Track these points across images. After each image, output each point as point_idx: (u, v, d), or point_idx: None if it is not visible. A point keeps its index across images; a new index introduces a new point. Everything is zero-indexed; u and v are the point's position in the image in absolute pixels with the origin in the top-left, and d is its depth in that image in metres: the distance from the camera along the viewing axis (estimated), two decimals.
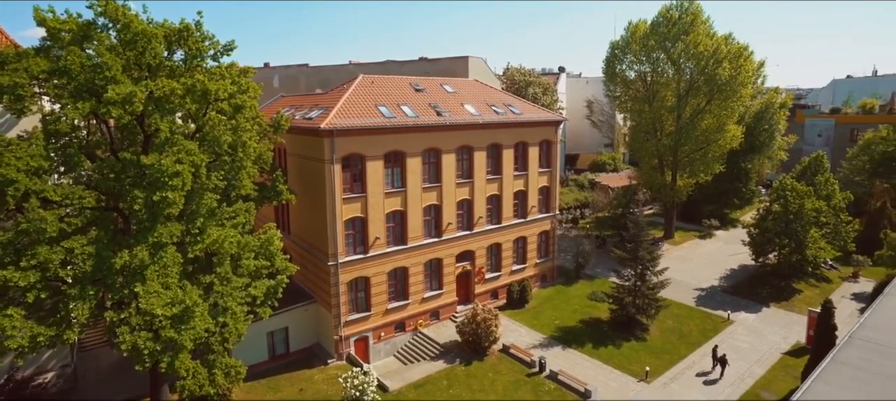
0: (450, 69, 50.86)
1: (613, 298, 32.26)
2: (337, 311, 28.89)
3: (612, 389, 26.29)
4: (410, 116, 30.89)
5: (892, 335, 15.38)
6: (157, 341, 18.61)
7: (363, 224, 29.49)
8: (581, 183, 63.42)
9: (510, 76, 60.10)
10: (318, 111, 30.00)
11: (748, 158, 54.47)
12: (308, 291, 31.42)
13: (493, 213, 35.79)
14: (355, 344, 29.93)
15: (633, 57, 47.13)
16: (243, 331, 21.65)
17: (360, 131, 28.40)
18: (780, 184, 39.51)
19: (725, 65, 42.49)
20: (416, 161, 30.89)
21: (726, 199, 56.03)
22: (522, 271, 37.81)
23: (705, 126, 45.16)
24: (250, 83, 23.07)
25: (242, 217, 22.91)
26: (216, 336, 20.76)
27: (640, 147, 49.06)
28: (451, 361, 29.37)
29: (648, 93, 46.74)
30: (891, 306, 17.21)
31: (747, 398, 25.57)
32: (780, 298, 37.06)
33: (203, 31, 21.20)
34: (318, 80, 59.75)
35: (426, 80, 37.20)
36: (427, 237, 32.30)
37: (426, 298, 32.81)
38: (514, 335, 31.90)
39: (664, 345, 30.63)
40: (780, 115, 55.58)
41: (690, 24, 43.57)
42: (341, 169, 28.05)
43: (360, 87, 32.34)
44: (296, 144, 30.63)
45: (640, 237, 31.64)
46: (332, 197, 27.73)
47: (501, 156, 35.29)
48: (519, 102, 39.55)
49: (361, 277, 29.74)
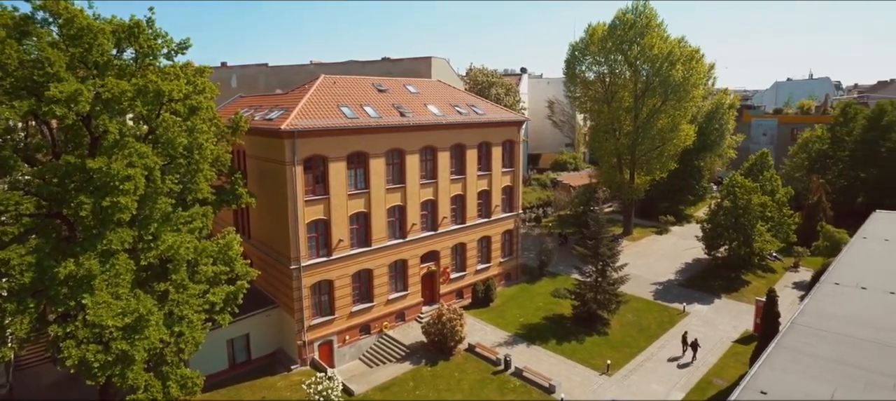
0: (413, 70, 50.74)
1: (576, 295, 33.02)
2: (300, 315, 28.37)
3: (576, 383, 26.93)
4: (373, 116, 30.65)
5: (827, 320, 16.38)
6: (108, 353, 17.74)
7: (326, 226, 29.07)
8: (543, 182, 64.59)
9: (473, 77, 60.55)
10: (279, 112, 29.36)
11: (700, 157, 56.81)
12: (270, 297, 30.71)
13: (457, 213, 35.97)
14: (319, 349, 29.47)
15: (592, 58, 48.29)
16: (201, 340, 20.94)
17: (323, 132, 27.95)
18: (729, 181, 41.43)
19: (679, 67, 44.15)
20: (379, 162, 30.68)
21: (681, 195, 58.30)
22: (487, 270, 38.18)
23: (661, 126, 46.79)
24: (207, 83, 22.34)
25: (199, 222, 22.15)
26: (171, 347, 19.98)
27: (600, 146, 50.36)
28: (417, 362, 29.36)
29: (607, 93, 48.02)
30: (826, 294, 18.33)
31: (701, 386, 26.70)
32: (730, 289, 38.86)
33: (155, 29, 20.38)
34: (278, 80, 58.41)
35: (389, 80, 36.99)
36: (391, 238, 32.15)
37: (391, 300, 32.65)
38: (480, 334, 32.18)
39: (624, 338, 31.59)
40: (729, 115, 58.26)
41: (645, 28, 45.02)
42: (303, 171, 27.54)
43: (322, 87, 31.83)
44: (256, 145, 29.86)
45: (601, 235, 32.50)
46: (294, 199, 27.20)
47: (465, 156, 35.50)
48: (482, 103, 39.88)
49: (325, 280, 29.31)
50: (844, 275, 19.86)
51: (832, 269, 21.16)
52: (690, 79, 44.78)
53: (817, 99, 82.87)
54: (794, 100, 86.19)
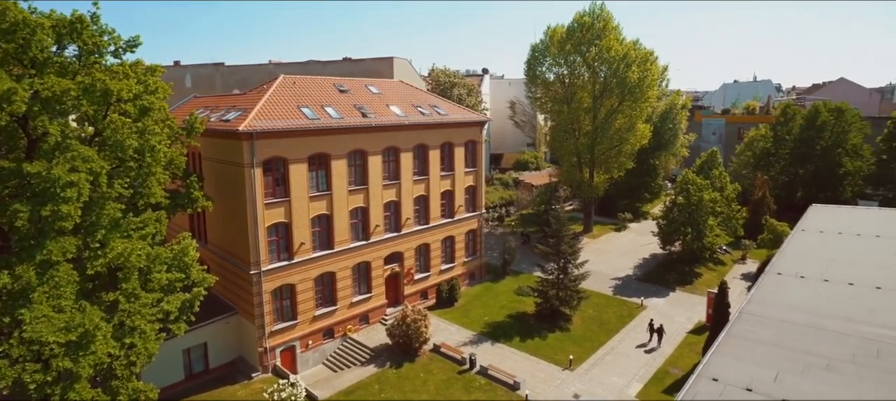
0: (374, 70, 50.38)
1: (538, 292, 33.62)
2: (261, 321, 27.68)
3: (539, 378, 27.41)
4: (335, 117, 30.25)
5: (770, 308, 17.32)
6: (47, 371, 16.66)
7: (287, 230, 28.47)
8: (505, 182, 65.39)
9: (435, 77, 60.63)
10: (236, 113, 28.55)
11: (656, 155, 58.92)
12: (229, 303, 29.80)
13: (420, 213, 35.96)
14: (281, 355, 28.83)
15: (551, 60, 49.25)
16: (154, 351, 20.05)
17: (282, 134, 27.38)
18: (683, 178, 43.19)
19: (635, 68, 45.63)
20: (341, 163, 30.31)
21: (638, 193, 60.30)
22: (451, 270, 38.35)
23: (618, 125, 48.23)
24: (159, 83, 21.47)
25: (152, 227, 21.25)
26: (121, 360, 19.03)
27: (560, 146, 51.43)
28: (382, 364, 29.18)
29: (567, 94, 49.11)
30: (769, 284, 19.35)
31: (658, 376, 27.71)
32: (684, 282, 40.49)
33: (101, 25, 19.40)
34: (235, 80, 56.75)
35: (350, 80, 36.60)
36: (354, 241, 31.82)
37: (355, 303, 32.31)
38: (445, 334, 32.29)
39: (586, 333, 32.40)
40: (682, 115, 60.74)
41: (603, 30, 46.29)
42: (262, 173, 26.89)
43: (282, 87, 31.17)
44: (212, 147, 28.91)
45: (562, 232, 33.22)
46: (253, 202, 26.51)
47: (428, 156, 35.53)
48: (444, 103, 40.02)
49: (286, 284, 28.71)
50: (785, 266, 20.99)
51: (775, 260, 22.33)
52: (646, 80, 46.34)
53: (761, 100, 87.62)
54: (740, 101, 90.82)
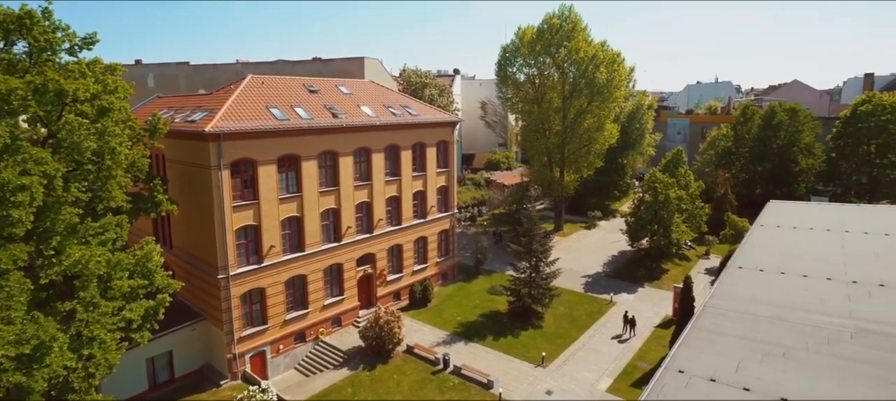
0: (345, 70, 49.90)
1: (511, 291, 33.94)
2: (229, 327, 27.04)
3: (512, 376, 27.69)
4: (305, 118, 29.83)
5: (732, 301, 17.98)
6: None
7: (256, 233, 27.91)
8: (477, 181, 65.78)
9: (407, 78, 60.52)
10: (203, 113, 27.82)
11: (624, 154, 60.30)
12: (195, 309, 29.00)
13: (392, 214, 35.81)
14: (251, 361, 28.23)
15: (522, 61, 49.79)
16: (115, 361, 19.29)
17: (251, 135, 26.83)
18: (650, 177, 44.35)
19: (603, 69, 46.57)
20: (311, 164, 29.90)
21: (607, 191, 61.58)
22: (424, 271, 38.32)
23: (587, 125, 49.13)
24: (119, 82, 20.75)
25: (112, 232, 20.47)
26: (79, 372, 18.22)
27: (531, 146, 52.05)
28: (355, 367, 28.93)
29: (537, 94, 49.72)
30: (731, 277, 20.08)
31: (628, 370, 28.37)
32: (652, 278, 41.58)
33: (53, 21, 18.59)
34: (201, 79, 55.26)
35: (321, 80, 36.16)
36: (326, 243, 31.44)
37: (327, 306, 31.93)
38: (418, 335, 32.25)
39: (557, 330, 32.89)
40: (648, 115, 62.36)
41: (571, 32, 47.09)
42: (230, 175, 26.28)
43: (250, 87, 30.54)
44: (177, 149, 28.08)
45: (534, 231, 33.64)
46: (221, 205, 25.88)
47: (400, 157, 35.42)
48: (416, 104, 39.97)
49: (256, 288, 28.13)
50: (746, 260, 21.81)
51: (736, 255, 23.15)
52: (613, 81, 47.34)
53: (722, 101, 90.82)
54: (703, 101, 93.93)
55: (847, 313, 16.10)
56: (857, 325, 15.26)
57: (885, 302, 16.86)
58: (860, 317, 15.75)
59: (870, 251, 21.67)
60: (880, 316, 15.85)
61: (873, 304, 16.80)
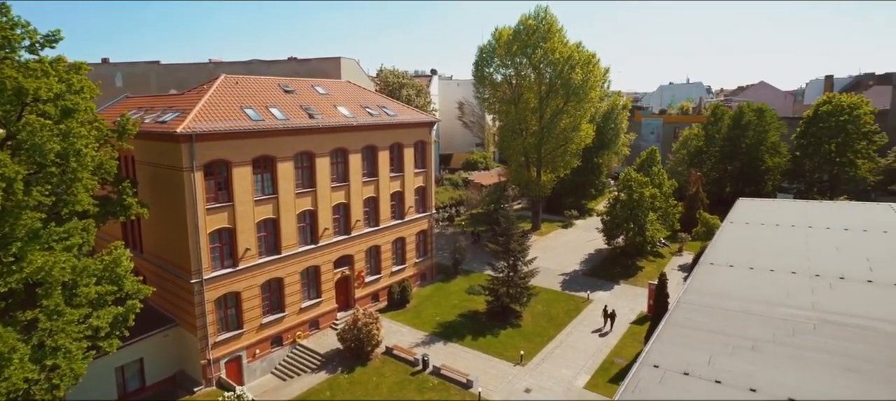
0: (321, 70, 49.40)
1: (489, 290, 34.12)
2: (203, 332, 26.46)
3: (492, 375, 27.84)
4: (280, 118, 29.43)
5: (704, 296, 18.46)
6: None
7: (231, 235, 27.40)
8: (455, 182, 65.93)
9: (384, 78, 60.28)
10: (174, 114, 27.17)
11: (599, 154, 61.27)
12: (168, 315, 28.30)
13: (370, 215, 35.61)
14: (227, 366, 27.69)
15: (499, 61, 50.11)
16: (81, 371, 18.53)
17: (225, 135, 26.32)
18: (625, 176, 45.17)
19: (578, 70, 47.21)
20: (287, 166, 29.51)
21: (583, 190, 62.48)
22: (402, 272, 38.21)
23: (564, 126, 49.74)
24: (85, 81, 20.10)
25: (78, 237, 19.78)
26: (41, 384, 17.49)
27: (508, 146, 52.43)
28: (333, 370, 28.67)
29: (514, 95, 50.11)
30: (703, 273, 20.62)
31: (604, 366, 28.82)
32: (627, 275, 42.35)
33: (11, 17, 17.89)
34: (172, 79, 53.94)
35: (296, 80, 35.72)
36: (303, 245, 31.07)
37: (304, 308, 31.54)
38: (397, 336, 32.14)
39: (536, 329, 33.20)
40: (623, 115, 63.51)
41: (547, 33, 47.61)
42: (203, 177, 25.73)
43: (223, 87, 29.97)
44: (147, 150, 27.36)
45: (511, 231, 33.88)
46: (194, 208, 25.31)
47: (377, 157, 35.25)
48: (393, 104, 39.84)
49: (231, 292, 27.61)
50: (717, 256, 22.40)
51: (707, 251, 23.74)
52: (588, 81, 48.03)
53: (694, 101, 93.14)
54: (675, 102, 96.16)
55: (810, 306, 16.74)
56: (820, 316, 15.89)
57: (844, 294, 17.62)
58: (822, 309, 16.43)
59: (831, 246, 22.59)
60: (840, 307, 16.56)
61: (834, 296, 17.54)
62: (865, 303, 16.80)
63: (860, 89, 75.21)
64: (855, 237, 23.60)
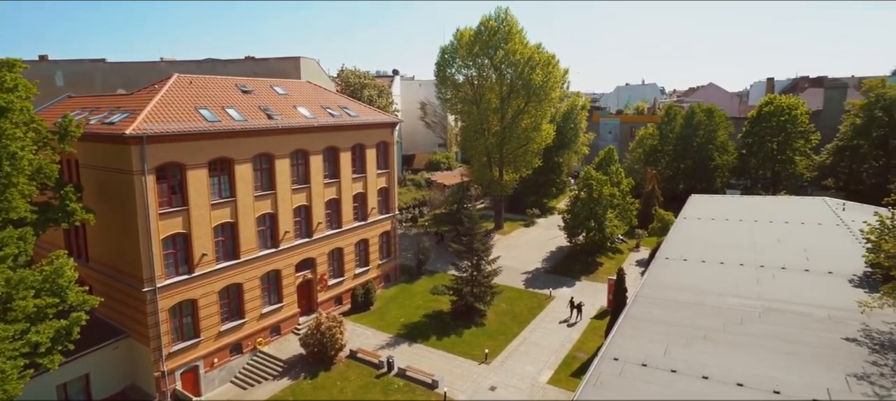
0: (280, 70, 48.28)
1: (453, 290, 34.24)
2: (156, 343, 25.33)
3: (457, 374, 27.93)
4: (238, 119, 28.56)
5: (660, 290, 19.24)
6: None
7: (186, 241, 26.36)
8: (418, 182, 65.81)
9: (345, 78, 59.50)
10: (123, 115, 25.91)
11: (560, 153, 62.54)
12: (117, 326, 26.93)
13: (332, 217, 35.07)
14: (182, 377, 26.60)
15: (461, 62, 50.37)
16: (17, 392, 17.13)
17: (178, 137, 25.29)
18: (585, 175, 46.29)
19: (538, 71, 48.02)
20: (245, 168, 28.67)
21: (545, 189, 63.60)
22: (366, 274, 37.83)
23: (525, 126, 50.49)
24: (19, 79, 18.90)
25: (13, 247, 18.44)
26: None
27: (471, 146, 52.79)
28: (296, 376, 28.06)
29: (475, 95, 50.50)
30: (659, 268, 21.47)
31: (567, 362, 29.42)
32: (588, 271, 43.40)
33: None
34: (120, 78, 51.42)
35: (254, 81, 34.78)
36: (263, 249, 30.25)
37: (265, 314, 30.72)
38: (361, 339, 31.78)
39: (500, 327, 33.54)
40: (582, 115, 65.08)
41: (508, 34, 48.21)
42: (155, 180, 24.64)
43: (176, 87, 28.81)
44: (92, 153, 25.96)
45: (475, 230, 34.12)
46: (145, 213, 24.20)
47: (339, 159, 34.76)
48: (354, 105, 39.40)
49: (187, 300, 26.56)
50: (671, 251, 23.36)
51: (663, 247, 24.75)
52: (548, 82, 48.93)
53: (649, 102, 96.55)
54: (631, 102, 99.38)
55: (756, 295, 17.73)
56: (764, 305, 16.88)
57: (785, 283, 18.81)
58: (766, 297, 17.45)
59: (773, 238, 23.99)
60: (782, 296, 17.68)
61: (776, 285, 18.67)
62: (803, 291, 18.02)
63: (797, 91, 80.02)
64: (794, 230, 25.17)
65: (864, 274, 18.25)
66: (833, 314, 15.72)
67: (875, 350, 13.54)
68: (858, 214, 26.16)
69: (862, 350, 13.62)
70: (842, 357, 13.34)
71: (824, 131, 55.13)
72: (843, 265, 19.40)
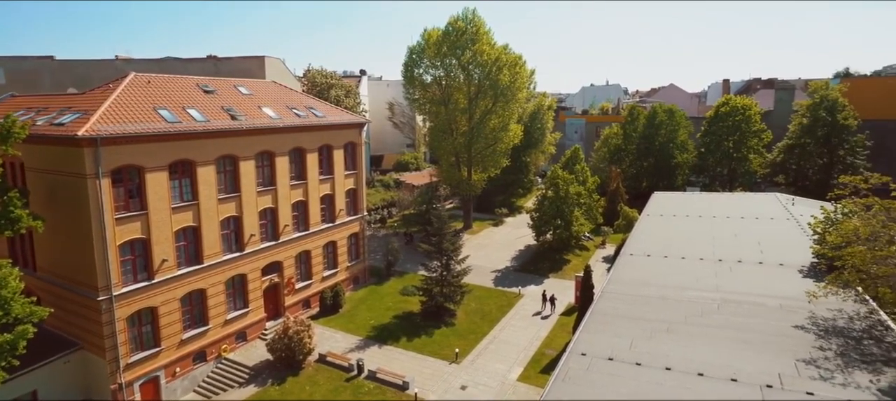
0: (244, 70, 47.06)
1: (423, 291, 34.21)
2: (113, 354, 24.26)
3: (427, 375, 27.90)
4: (200, 120, 27.69)
5: (625, 285, 19.74)
6: None
7: (145, 246, 25.37)
8: (386, 183, 65.45)
9: (311, 78, 58.58)
10: (74, 115, 24.71)
11: (527, 153, 63.37)
12: (68, 338, 25.63)
13: (299, 219, 34.46)
14: (142, 389, 25.57)
15: (428, 62, 50.35)
16: None
17: (136, 139, 24.30)
18: (552, 174, 47.04)
19: (505, 72, 48.51)
20: (208, 170, 27.83)
21: (513, 189, 64.32)
22: (334, 276, 37.34)
23: (493, 126, 50.90)
24: None
25: None
26: None
27: (439, 146, 52.86)
28: (263, 382, 27.43)
29: (444, 96, 50.58)
30: (624, 264, 22.04)
31: (536, 358, 29.83)
32: (556, 269, 44.12)
33: None
34: (70, 77, 49.02)
35: (217, 80, 33.82)
36: (227, 253, 29.45)
37: (230, 320, 29.90)
38: (330, 343, 31.35)
39: (470, 326, 33.70)
40: (548, 115, 66.14)
41: (476, 34, 48.49)
42: (111, 184, 23.60)
43: (133, 86, 27.71)
44: (41, 156, 24.65)
45: (444, 230, 34.16)
46: (100, 218, 23.14)
47: (305, 160, 34.18)
48: (321, 105, 38.84)
49: (146, 307, 25.57)
50: (636, 247, 24.01)
51: (628, 243, 25.41)
52: (516, 83, 49.51)
53: (613, 102, 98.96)
54: (596, 102, 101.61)
55: (715, 288, 18.44)
56: (723, 297, 17.58)
57: (742, 275, 19.66)
58: (724, 290, 18.20)
59: (730, 233, 25.00)
60: (738, 288, 18.47)
61: (733, 278, 19.49)
62: (757, 282, 18.89)
63: (750, 92, 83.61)
64: (749, 224, 26.31)
65: (811, 265, 19.25)
66: (784, 304, 16.51)
67: (820, 336, 14.35)
68: (806, 208, 27.53)
69: (809, 336, 14.40)
70: (791, 344, 14.06)
71: (775, 130, 57.81)
72: (793, 257, 20.40)
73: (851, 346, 13.73)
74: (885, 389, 11.70)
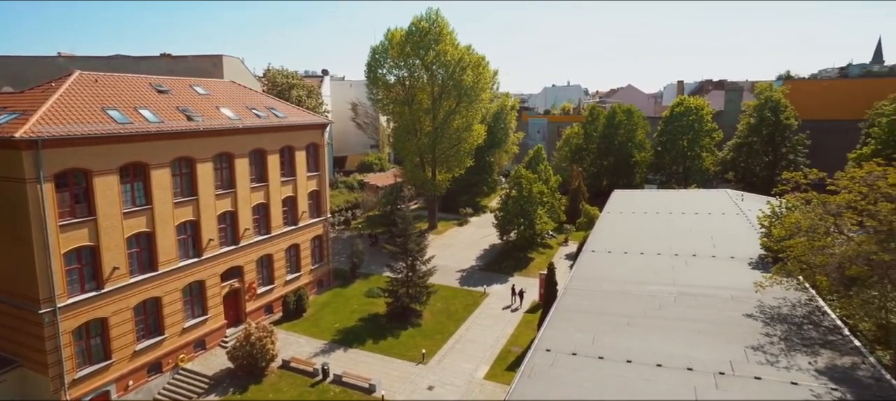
0: (200, 69, 45.44)
1: (388, 292, 33.98)
2: (57, 370, 22.87)
3: (394, 377, 27.72)
4: (153, 121, 26.56)
5: (587, 281, 20.24)
6: None
7: (93, 254, 24.11)
8: (350, 184, 64.67)
9: (271, 78, 57.19)
10: (11, 115, 23.20)
11: (491, 153, 63.93)
12: (6, 355, 24.03)
13: (260, 223, 33.58)
14: None
15: (392, 62, 50.05)
16: None
17: (82, 141, 23.05)
18: (515, 173, 47.63)
19: (469, 72, 48.77)
20: (163, 173, 26.72)
21: (477, 188, 64.77)
22: (297, 280, 36.59)
23: (457, 126, 51.09)
24: None
25: None
26: None
27: (403, 146, 52.63)
28: (224, 391, 26.58)
29: (407, 96, 50.40)
30: (586, 261, 22.57)
31: (502, 356, 30.13)
32: (520, 267, 44.69)
33: None
34: (6, 75, 46.07)
35: (172, 80, 32.53)
36: (184, 258, 28.36)
37: (187, 328, 28.81)
38: (294, 348, 30.69)
39: (436, 326, 33.70)
40: (512, 115, 66.94)
41: (439, 35, 48.54)
42: (54, 189, 22.31)
43: (78, 85, 26.29)
44: None
45: (409, 231, 34.03)
46: (41, 225, 21.83)
47: (266, 162, 33.35)
48: (282, 105, 37.98)
49: (95, 319, 24.29)
50: (597, 244, 24.62)
51: (589, 240, 26.03)
52: (479, 83, 49.85)
53: (574, 102, 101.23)
54: (558, 103, 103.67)
55: (672, 281, 19.13)
56: (679, 290, 18.27)
57: (696, 269, 20.50)
58: (681, 283, 18.91)
59: (685, 228, 26.00)
60: (693, 281, 19.25)
61: (689, 271, 20.28)
62: (710, 275, 19.75)
63: (703, 93, 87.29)
64: (702, 220, 27.44)
65: (759, 257, 20.28)
66: (735, 294, 17.33)
67: (767, 323, 15.23)
68: (755, 203, 28.95)
69: (757, 324, 15.23)
70: (742, 332, 14.81)
71: (726, 130, 60.59)
72: (743, 250, 21.44)
73: (794, 331, 14.63)
74: (822, 369, 12.61)
